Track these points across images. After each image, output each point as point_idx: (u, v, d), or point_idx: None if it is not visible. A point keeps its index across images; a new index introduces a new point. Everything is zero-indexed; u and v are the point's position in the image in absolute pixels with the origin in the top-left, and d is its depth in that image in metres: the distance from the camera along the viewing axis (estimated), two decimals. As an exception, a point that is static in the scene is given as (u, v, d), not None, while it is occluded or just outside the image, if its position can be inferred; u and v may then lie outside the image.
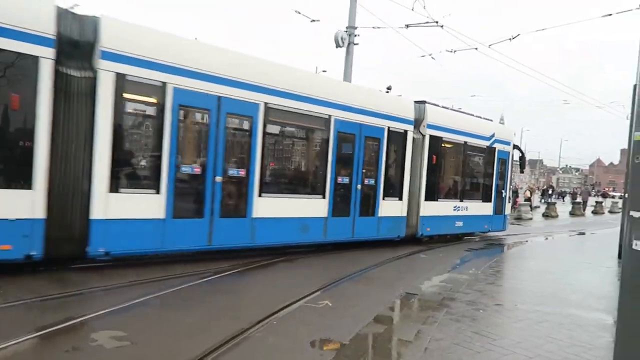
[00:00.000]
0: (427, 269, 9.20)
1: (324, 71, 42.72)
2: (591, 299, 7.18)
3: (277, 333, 4.82)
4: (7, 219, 5.97)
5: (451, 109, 13.91)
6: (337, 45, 15.70)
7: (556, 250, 14.07)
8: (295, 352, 4.36)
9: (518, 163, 16.32)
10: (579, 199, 36.27)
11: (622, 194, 16.57)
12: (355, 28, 15.90)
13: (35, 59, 6.03)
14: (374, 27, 17.56)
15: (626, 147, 15.15)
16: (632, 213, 2.99)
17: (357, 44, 16.14)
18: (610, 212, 36.12)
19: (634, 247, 2.95)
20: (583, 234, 19.39)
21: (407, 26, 16.46)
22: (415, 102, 12.11)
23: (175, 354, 4.13)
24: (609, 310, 6.52)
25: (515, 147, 15.82)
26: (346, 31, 15.78)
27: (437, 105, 12.87)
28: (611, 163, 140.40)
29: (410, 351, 4.45)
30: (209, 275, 7.23)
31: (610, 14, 14.73)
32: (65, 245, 6.55)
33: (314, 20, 17.52)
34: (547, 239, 16.55)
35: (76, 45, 6.70)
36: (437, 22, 15.85)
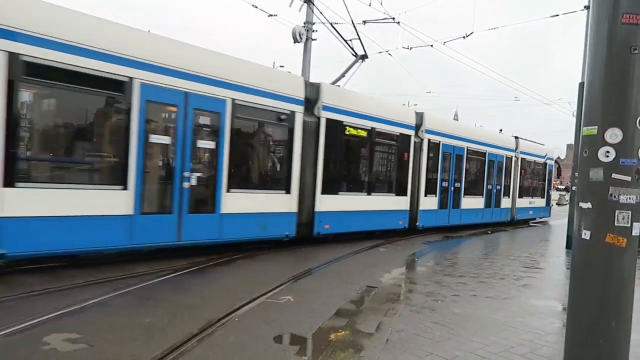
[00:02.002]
0: (387, 262, 9.35)
1: (281, 66, 42.60)
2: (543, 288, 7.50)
3: (238, 330, 4.77)
4: None
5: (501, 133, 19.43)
6: (295, 41, 15.64)
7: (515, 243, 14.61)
8: (258, 349, 4.32)
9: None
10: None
11: (569, 187, 18.15)
12: (313, 23, 15.91)
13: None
14: (331, 23, 17.57)
15: (572, 142, 15.89)
16: (580, 204, 3.12)
17: (314, 39, 16.15)
18: (558, 204, 37.80)
19: (583, 236, 3.09)
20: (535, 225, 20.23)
21: (365, 22, 16.61)
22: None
23: (134, 355, 4.01)
24: (558, 297, 6.84)
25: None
26: (304, 26, 15.75)
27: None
28: (558, 157, 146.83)
29: (372, 343, 4.50)
30: (167, 274, 7.07)
31: (557, 15, 15.38)
32: None
33: (271, 15, 17.38)
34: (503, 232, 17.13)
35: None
36: (393, 18, 16.07)
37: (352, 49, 13.17)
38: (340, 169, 11.43)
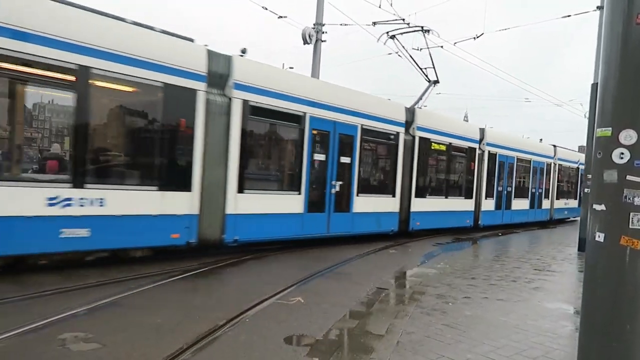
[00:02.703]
0: (397, 263, 9.33)
1: (291, 67, 42.68)
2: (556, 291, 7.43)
3: (249, 331, 4.78)
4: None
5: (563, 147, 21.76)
6: (305, 42, 15.68)
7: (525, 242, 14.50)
8: (268, 350, 4.33)
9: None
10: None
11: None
12: (323, 25, 15.93)
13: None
14: (341, 24, 17.58)
15: (584, 143, 15.76)
16: (594, 206, 3.10)
17: (324, 40, 16.17)
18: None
19: (596, 239, 3.06)
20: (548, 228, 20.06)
21: (374, 23, 16.60)
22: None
23: (145, 355, 4.04)
24: (570, 300, 6.77)
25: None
26: (314, 28, 15.78)
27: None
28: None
29: (382, 345, 4.49)
30: (178, 275, 7.11)
31: (569, 15, 15.25)
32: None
33: (281, 17, 17.43)
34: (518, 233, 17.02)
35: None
36: (403, 19, 16.04)
37: (426, 75, 15.24)
38: (427, 177, 14.06)
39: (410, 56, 14.63)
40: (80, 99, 6.76)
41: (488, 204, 16.61)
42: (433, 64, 14.87)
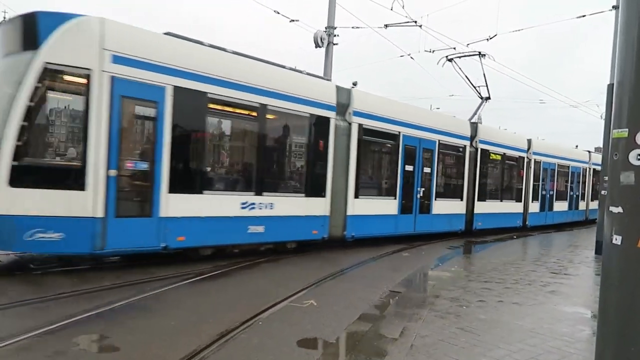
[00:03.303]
0: (410, 266, 9.28)
1: (299, 71, 42.82)
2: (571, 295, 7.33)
3: (262, 334, 4.80)
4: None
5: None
6: (317, 46, 15.70)
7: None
8: (281, 353, 4.33)
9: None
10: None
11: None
12: (335, 28, 15.93)
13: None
14: (353, 27, 17.65)
15: (600, 145, 15.56)
16: (611, 209, 3.05)
17: (336, 44, 16.17)
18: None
19: (614, 241, 3.01)
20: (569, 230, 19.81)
21: (386, 26, 16.57)
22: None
23: (160, 357, 4.07)
24: (587, 304, 6.67)
25: None
26: (325, 31, 15.80)
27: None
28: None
29: (396, 348, 4.47)
30: (192, 277, 7.16)
31: (584, 15, 15.07)
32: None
33: (293, 20, 17.50)
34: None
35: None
36: (415, 22, 16.00)
37: (479, 93, 16.80)
38: (487, 183, 15.87)
39: (466, 76, 16.14)
40: (260, 129, 9.09)
41: (534, 207, 18.51)
42: (486, 83, 16.40)
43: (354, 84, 11.53)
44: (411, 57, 18.70)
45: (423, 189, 12.88)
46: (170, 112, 7.59)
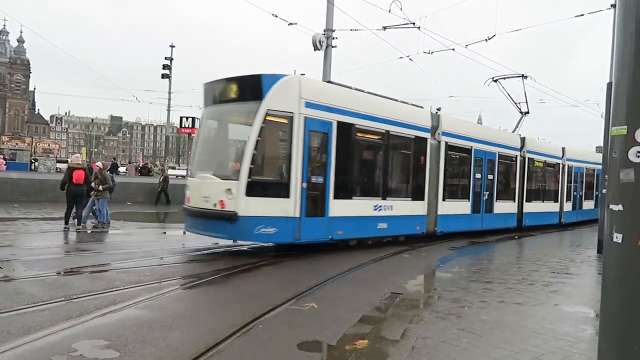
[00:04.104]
0: (411, 268, 9.26)
1: (302, 74, 42.79)
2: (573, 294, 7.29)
3: (262, 337, 4.77)
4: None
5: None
6: (315, 48, 15.70)
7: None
8: (282, 356, 4.31)
9: None
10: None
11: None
12: (333, 30, 15.94)
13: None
14: (351, 30, 17.58)
15: (601, 144, 15.59)
16: (611, 206, 3.03)
17: (335, 46, 16.17)
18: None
19: (614, 240, 2.99)
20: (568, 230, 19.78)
21: (385, 28, 16.58)
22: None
23: (160, 362, 4.05)
24: (590, 304, 6.64)
25: None
26: (324, 34, 15.80)
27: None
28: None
29: (397, 350, 4.44)
30: (192, 282, 7.13)
31: (582, 14, 15.07)
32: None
33: (291, 24, 17.50)
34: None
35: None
36: (414, 23, 16.00)
37: (518, 107, 19.06)
38: (532, 186, 18.29)
39: (508, 94, 18.49)
40: (384, 149, 11.78)
41: (568, 206, 21.18)
42: (526, 99, 18.77)
43: (439, 109, 14.67)
44: (410, 59, 18.72)
45: (488, 192, 15.52)
46: (335, 140, 10.13)
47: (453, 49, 17.93)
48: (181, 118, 33.60)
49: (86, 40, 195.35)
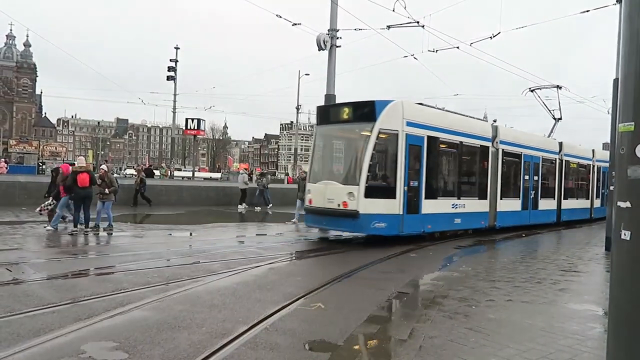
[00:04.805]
0: (418, 267, 9.23)
1: (307, 74, 42.72)
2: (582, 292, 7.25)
3: (269, 337, 4.77)
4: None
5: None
6: (320, 48, 15.73)
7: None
8: (289, 357, 4.31)
9: None
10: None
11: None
12: (337, 30, 15.94)
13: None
14: (355, 29, 17.57)
15: (608, 141, 15.51)
16: (619, 203, 3.01)
17: (339, 46, 16.18)
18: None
19: (622, 237, 2.97)
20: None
21: (389, 27, 16.56)
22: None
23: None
24: (598, 302, 6.60)
25: None
26: (328, 34, 15.81)
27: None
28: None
29: (404, 350, 4.43)
30: (200, 280, 7.14)
31: (588, 10, 14.98)
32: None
33: (295, 24, 17.51)
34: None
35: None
36: (418, 22, 15.97)
37: (552, 114, 21.10)
38: (568, 185, 20.38)
39: (544, 103, 20.48)
40: (458, 157, 14.05)
41: (597, 202, 23.06)
42: (560, 107, 20.84)
43: (495, 121, 17.22)
44: (415, 58, 18.68)
45: (533, 191, 17.45)
46: (425, 151, 12.36)
47: (458, 47, 17.89)
48: (187, 120, 33.66)
49: (92, 43, 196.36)
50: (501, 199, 15.46)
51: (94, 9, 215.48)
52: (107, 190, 12.79)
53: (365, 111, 11.75)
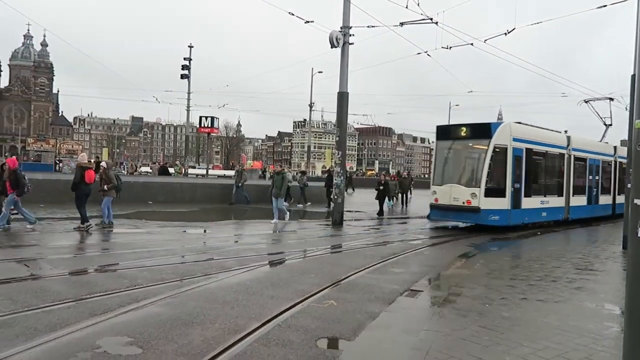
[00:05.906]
0: (431, 265, 9.19)
1: (320, 72, 42.68)
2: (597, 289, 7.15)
3: (282, 334, 4.79)
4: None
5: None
6: (332, 46, 15.68)
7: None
8: (301, 353, 4.32)
9: None
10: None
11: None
12: (350, 28, 15.88)
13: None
14: (368, 26, 17.50)
15: (626, 137, 15.27)
16: (635, 201, 2.97)
17: (352, 43, 16.12)
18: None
19: (639, 234, 2.93)
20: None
21: (402, 24, 16.47)
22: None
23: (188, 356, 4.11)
24: (615, 300, 6.51)
25: None
26: (341, 31, 15.75)
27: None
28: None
29: (416, 347, 4.42)
30: (213, 277, 7.19)
31: (605, 5, 14.73)
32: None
33: (308, 22, 17.50)
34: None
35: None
36: (431, 19, 15.86)
37: (604, 121, 22.90)
38: (622, 183, 20.99)
39: (597, 112, 22.38)
40: (545, 163, 17.29)
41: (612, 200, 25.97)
42: (611, 114, 22.94)
43: (566, 131, 19.91)
44: (428, 54, 18.57)
45: (596, 189, 20.20)
46: (524, 160, 15.37)
47: (472, 44, 17.75)
48: (200, 118, 33.88)
49: (107, 42, 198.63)
50: (573, 195, 18.22)
51: (110, 9, 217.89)
52: (106, 187, 12.90)
53: (483, 131, 15.04)
